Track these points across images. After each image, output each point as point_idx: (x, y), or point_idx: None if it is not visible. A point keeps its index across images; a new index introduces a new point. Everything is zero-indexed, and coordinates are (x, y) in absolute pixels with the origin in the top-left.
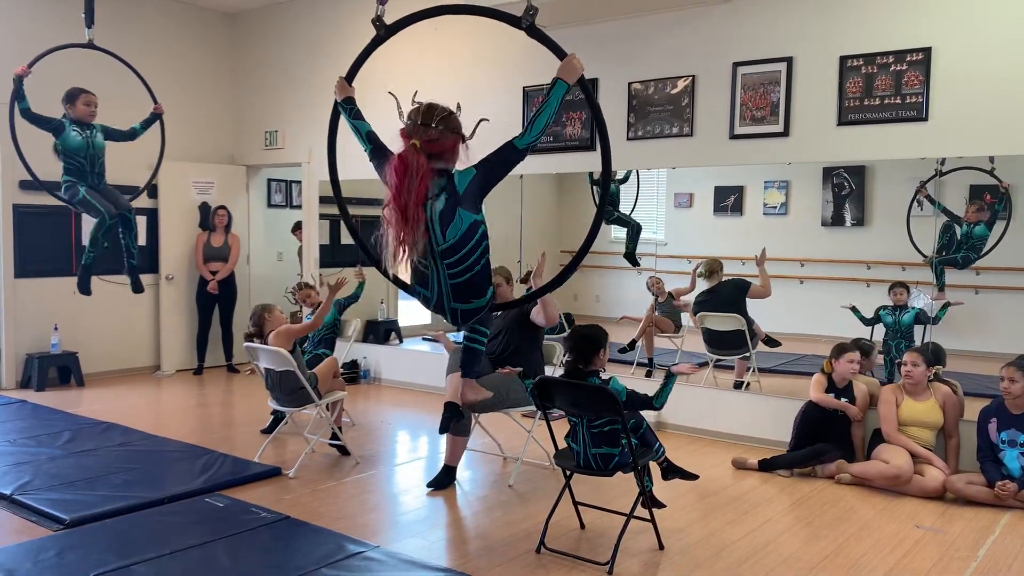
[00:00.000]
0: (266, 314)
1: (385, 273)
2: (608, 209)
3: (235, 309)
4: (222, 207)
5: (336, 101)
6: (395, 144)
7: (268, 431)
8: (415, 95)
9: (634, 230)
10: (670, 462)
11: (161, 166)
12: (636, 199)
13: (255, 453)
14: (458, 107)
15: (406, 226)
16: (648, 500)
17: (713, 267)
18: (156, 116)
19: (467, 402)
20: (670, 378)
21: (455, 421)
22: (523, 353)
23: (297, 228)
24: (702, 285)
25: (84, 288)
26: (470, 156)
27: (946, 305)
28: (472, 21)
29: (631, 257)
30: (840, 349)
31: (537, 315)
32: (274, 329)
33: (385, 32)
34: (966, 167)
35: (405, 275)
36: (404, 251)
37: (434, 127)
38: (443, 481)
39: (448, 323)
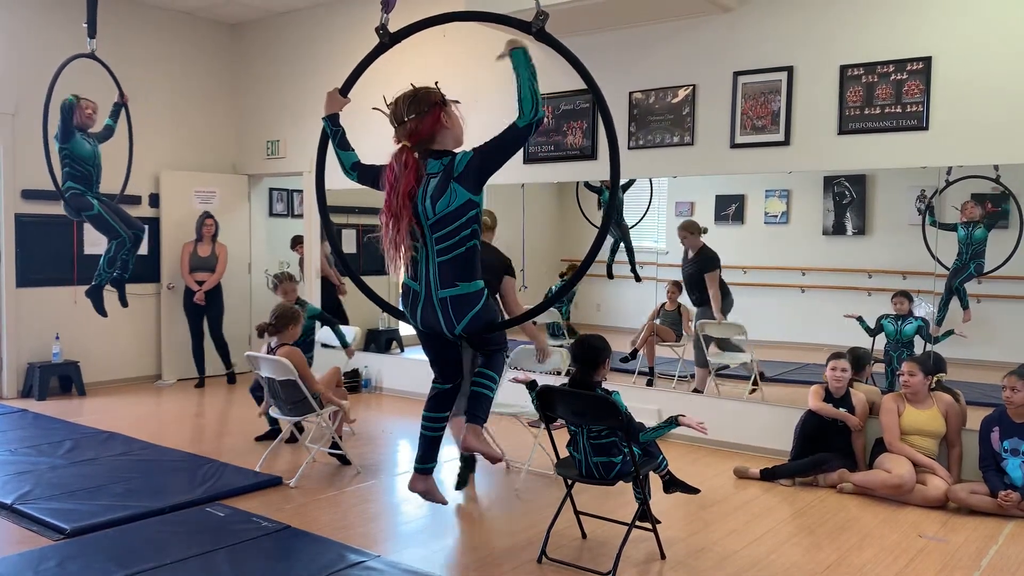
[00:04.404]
0: (292, 324)
1: (365, 292)
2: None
3: (223, 320)
4: (210, 216)
5: (322, 117)
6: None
7: (263, 438)
8: (385, 100)
9: (627, 244)
10: (672, 475)
11: (163, 176)
12: (648, 207)
13: (256, 463)
14: (436, 84)
15: (398, 223)
16: (646, 512)
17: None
18: (120, 106)
19: (469, 448)
20: (670, 424)
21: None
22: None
23: (298, 243)
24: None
25: (101, 309)
26: (463, 115)
27: (949, 332)
28: (471, 28)
29: (611, 269)
30: (830, 358)
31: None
32: (291, 338)
33: (389, 40)
34: (972, 176)
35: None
36: (400, 249)
37: (407, 120)
38: (465, 476)
39: (437, 346)
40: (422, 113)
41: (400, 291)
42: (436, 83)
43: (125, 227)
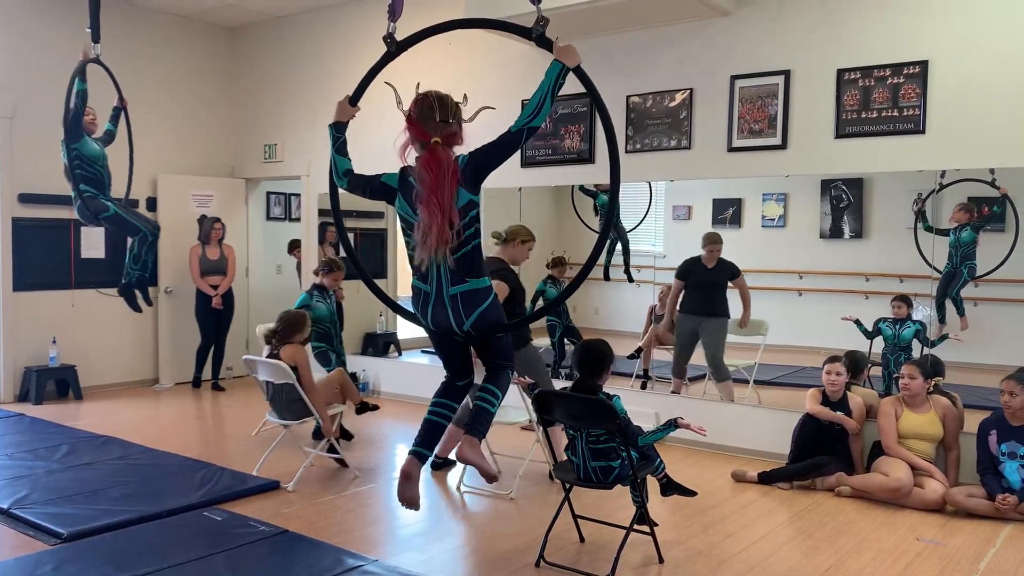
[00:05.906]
0: (301, 329)
1: (377, 294)
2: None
3: (232, 324)
4: (218, 219)
5: (329, 124)
6: (386, 149)
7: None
8: (418, 86)
9: (624, 245)
10: (669, 478)
11: (160, 179)
12: (648, 211)
13: (253, 466)
14: (464, 97)
15: (443, 220)
16: (644, 515)
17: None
18: (119, 110)
19: (463, 459)
20: (669, 427)
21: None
22: None
23: (295, 247)
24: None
25: (135, 306)
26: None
27: (944, 336)
28: (471, 34)
29: (608, 272)
30: (827, 361)
31: None
32: (296, 341)
33: (396, 48)
34: (966, 179)
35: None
36: (442, 245)
37: (451, 122)
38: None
39: (445, 344)
40: (461, 123)
41: (412, 293)
42: (486, 107)
43: (147, 224)
